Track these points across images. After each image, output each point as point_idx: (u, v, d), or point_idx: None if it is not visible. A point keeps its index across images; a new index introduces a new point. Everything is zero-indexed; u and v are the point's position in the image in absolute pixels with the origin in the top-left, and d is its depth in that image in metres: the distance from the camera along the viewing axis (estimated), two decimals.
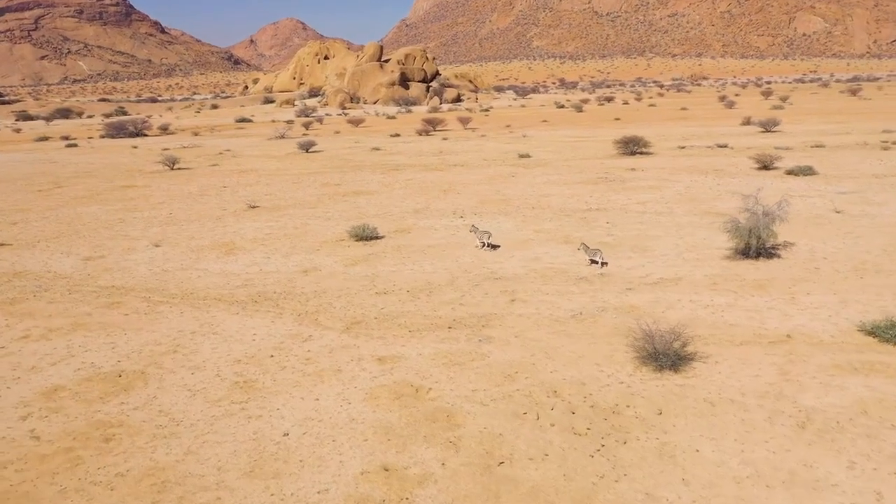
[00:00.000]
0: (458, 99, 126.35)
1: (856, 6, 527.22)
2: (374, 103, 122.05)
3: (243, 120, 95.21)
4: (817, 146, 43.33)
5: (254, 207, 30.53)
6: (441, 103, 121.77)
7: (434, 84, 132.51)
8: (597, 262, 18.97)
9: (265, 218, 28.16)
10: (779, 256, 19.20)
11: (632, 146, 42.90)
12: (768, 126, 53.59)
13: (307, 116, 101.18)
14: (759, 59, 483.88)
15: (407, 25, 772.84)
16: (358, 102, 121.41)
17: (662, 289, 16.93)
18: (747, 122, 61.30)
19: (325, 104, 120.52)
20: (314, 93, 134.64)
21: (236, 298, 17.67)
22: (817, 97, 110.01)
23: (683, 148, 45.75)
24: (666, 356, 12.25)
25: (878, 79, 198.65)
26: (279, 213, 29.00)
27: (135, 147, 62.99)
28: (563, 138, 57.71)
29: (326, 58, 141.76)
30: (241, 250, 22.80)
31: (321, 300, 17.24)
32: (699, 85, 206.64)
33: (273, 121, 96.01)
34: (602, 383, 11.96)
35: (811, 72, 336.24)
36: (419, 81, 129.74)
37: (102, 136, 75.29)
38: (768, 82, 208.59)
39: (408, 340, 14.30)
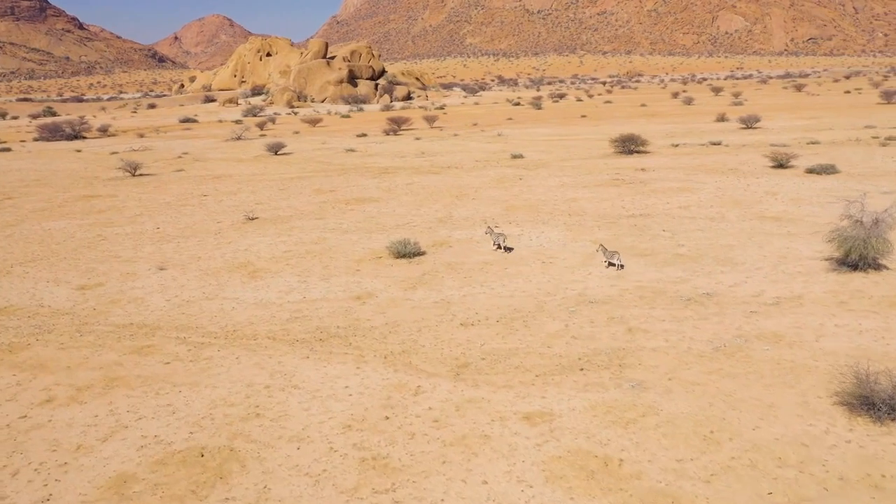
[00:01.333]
0: (408, 97, 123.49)
1: (773, 6, 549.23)
2: (322, 101, 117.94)
3: (188, 120, 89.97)
4: (813, 143, 42.78)
5: (252, 219, 27.31)
6: (392, 101, 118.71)
7: (382, 82, 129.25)
8: (614, 265, 18.62)
9: (272, 232, 25.05)
10: (886, 267, 17.56)
11: (629, 145, 41.33)
12: (749, 122, 53.14)
13: (256, 116, 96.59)
14: (685, 56, 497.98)
15: (338, 22, 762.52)
16: (305, 101, 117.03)
17: (791, 311, 14.96)
18: (722, 118, 60.94)
19: (271, 103, 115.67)
20: (257, 91, 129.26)
21: (295, 337, 14.78)
22: (765, 93, 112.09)
23: (677, 146, 44.53)
24: (887, 405, 10.19)
25: (808, 75, 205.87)
26: (285, 226, 25.92)
27: (79, 151, 57.88)
28: (542, 137, 55.91)
29: (269, 55, 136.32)
30: (265, 272, 19.76)
31: (400, 336, 14.55)
32: (638, 82, 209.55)
33: (220, 121, 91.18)
34: (827, 443, 9.81)
35: (738, 68, 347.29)
36: (367, 79, 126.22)
37: (37, 139, 69.31)
38: (704, 79, 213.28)
39: (542, 389, 11.84)
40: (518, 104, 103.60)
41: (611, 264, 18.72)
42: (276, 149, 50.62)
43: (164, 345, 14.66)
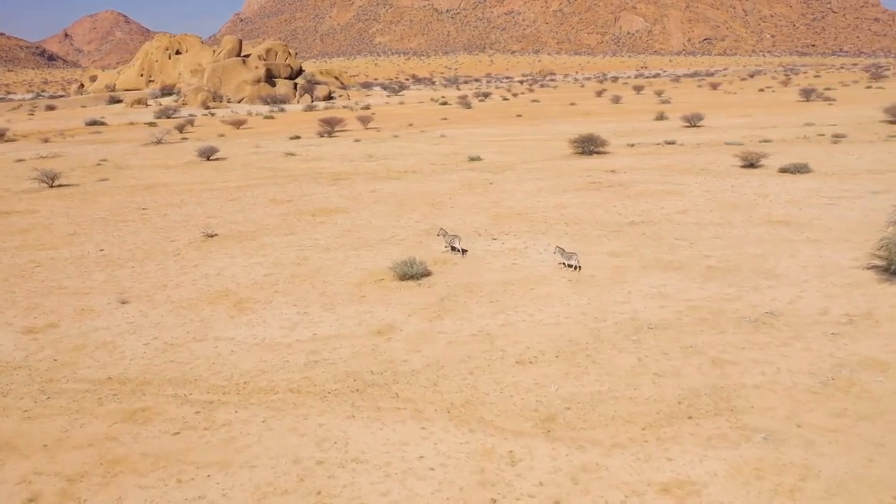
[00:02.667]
0: (329, 97, 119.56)
1: (671, 7, 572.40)
2: (239, 102, 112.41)
3: (95, 123, 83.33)
4: (765, 141, 43.01)
5: (211, 236, 24.19)
6: (313, 101, 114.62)
7: (301, 81, 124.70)
8: (573, 266, 18.45)
9: (240, 251, 22.10)
10: None
11: (589, 145, 40.23)
12: (693, 121, 53.35)
13: (170, 117, 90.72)
14: (590, 55, 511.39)
15: (241, 20, 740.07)
16: (221, 101, 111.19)
17: (873, 331, 13.69)
18: (661, 116, 61.19)
19: (184, 103, 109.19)
20: (167, 91, 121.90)
21: (324, 388, 12.29)
22: (685, 92, 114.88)
23: (633, 146, 43.84)
24: None
25: (714, 74, 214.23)
26: (254, 244, 23.01)
27: None
28: (488, 138, 54.30)
29: (178, 53, 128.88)
30: (253, 303, 17.00)
31: (453, 382, 12.32)
32: (554, 81, 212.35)
33: (131, 123, 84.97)
34: None
35: (643, 67, 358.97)
36: (286, 78, 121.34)
37: None
38: (616, 77, 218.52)
39: (661, 447, 9.92)
40: (445, 104, 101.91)
41: (569, 266, 18.54)
42: (208, 154, 46.75)
43: (162, 407, 11.85)
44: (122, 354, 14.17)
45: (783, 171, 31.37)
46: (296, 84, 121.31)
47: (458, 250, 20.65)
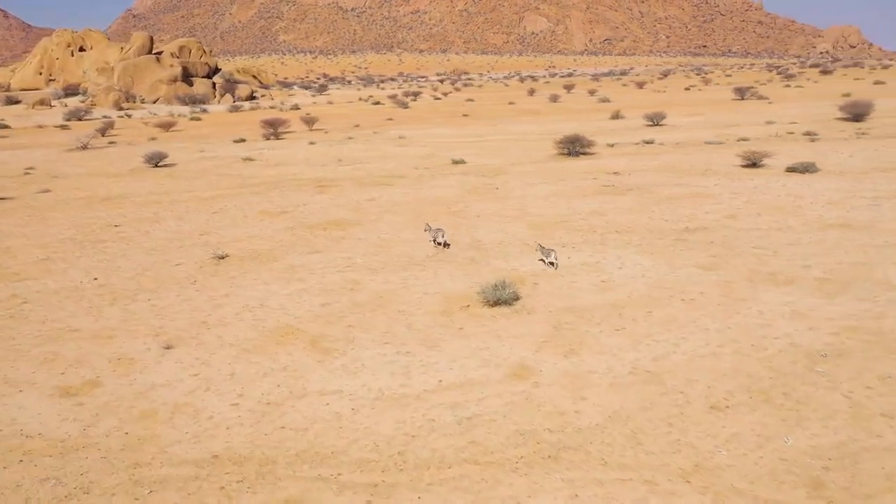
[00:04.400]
0: (251, 96, 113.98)
1: (572, 8, 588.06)
2: (155, 102, 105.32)
3: None
4: (742, 139, 43.02)
5: (223, 258, 21.01)
6: (235, 101, 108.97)
7: (219, 80, 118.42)
8: (553, 264, 18.55)
9: (269, 276, 19.15)
10: None
11: (576, 146, 38.91)
12: (656, 120, 53.18)
13: (82, 119, 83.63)
14: (497, 55, 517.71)
15: (134, 16, 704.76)
16: (135, 101, 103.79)
17: None
18: (617, 116, 60.96)
19: (94, 104, 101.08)
20: (71, 91, 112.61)
21: (507, 455, 9.97)
22: (616, 91, 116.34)
23: (613, 146, 42.89)
24: None
25: (627, 72, 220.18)
26: (279, 266, 20.07)
27: None
28: (450, 139, 52.25)
29: (82, 49, 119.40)
30: (333, 342, 14.31)
31: (657, 439, 10.27)
32: (472, 80, 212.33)
33: (39, 126, 77.51)
34: None
35: (551, 67, 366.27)
36: (203, 77, 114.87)
37: None
38: (532, 77, 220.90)
39: None
40: (378, 103, 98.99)
41: (550, 263, 18.62)
42: (156, 160, 42.43)
43: (316, 497, 9.20)
44: (212, 421, 11.28)
45: (791, 170, 30.95)
46: (214, 83, 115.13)
47: (443, 244, 21.01)
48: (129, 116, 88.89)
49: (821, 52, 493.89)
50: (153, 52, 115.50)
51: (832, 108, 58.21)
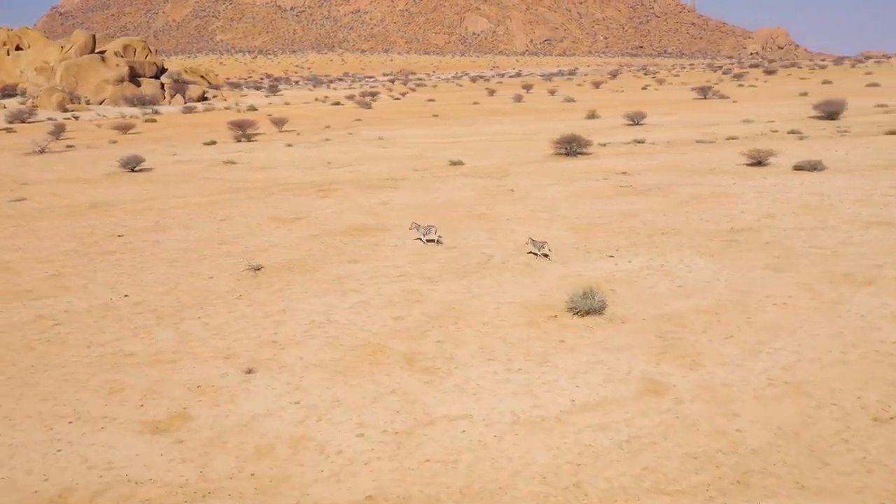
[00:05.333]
0: (203, 97, 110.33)
1: (512, 9, 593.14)
2: (101, 103, 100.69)
3: None
4: (731, 138, 43.46)
5: (257, 269, 19.62)
6: (186, 102, 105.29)
7: (166, 80, 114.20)
8: (547, 256, 19.33)
9: (319, 288, 17.92)
10: None
11: (574, 146, 38.55)
12: (636, 119, 53.42)
13: (25, 122, 79.19)
14: (440, 55, 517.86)
15: (61, 14, 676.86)
16: (80, 102, 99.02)
17: None
18: (592, 115, 61.09)
19: (35, 105, 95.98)
20: (8, 92, 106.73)
21: (693, 483, 9.23)
22: (575, 91, 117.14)
23: (606, 146, 42.73)
24: None
25: (575, 73, 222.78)
26: (323, 277, 18.84)
27: None
28: (433, 139, 51.31)
29: (19, 49, 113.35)
30: (430, 360, 13.29)
31: (844, 461, 9.69)
32: (421, 80, 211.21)
33: None
34: None
35: (495, 67, 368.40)
36: (151, 77, 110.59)
37: None
38: (482, 77, 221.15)
39: None
40: (338, 104, 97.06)
41: (545, 255, 19.36)
42: (132, 164, 40.13)
43: None
44: (344, 456, 10.15)
45: (798, 168, 31.19)
46: (163, 84, 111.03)
47: (435, 241, 21.42)
48: (77, 118, 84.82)
49: (751, 53, 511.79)
50: (96, 51, 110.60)
51: (802, 106, 59.74)
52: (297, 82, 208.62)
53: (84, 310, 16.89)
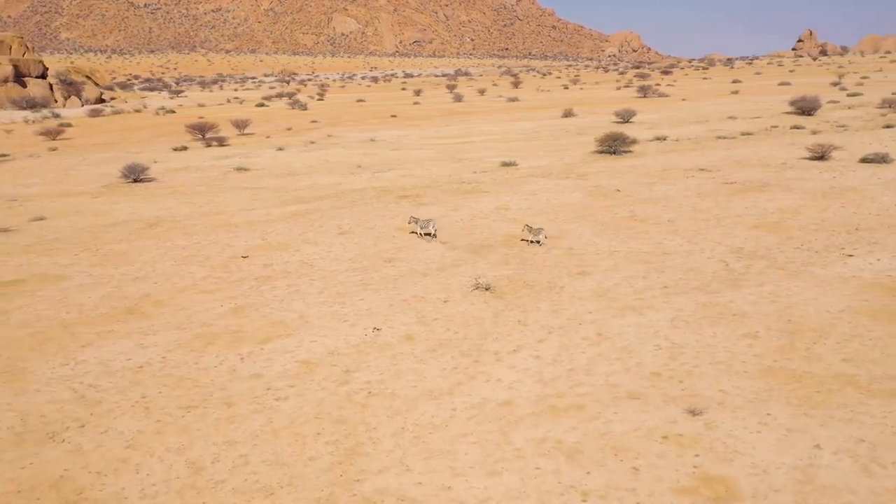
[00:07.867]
0: (100, 99, 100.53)
1: (380, 10, 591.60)
2: None
3: None
4: (746, 133, 44.61)
5: (487, 289, 17.28)
6: (83, 104, 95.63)
7: (53, 81, 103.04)
8: (539, 242, 20.82)
9: (587, 304, 15.97)
10: None
11: (617, 145, 38.08)
12: (626, 117, 53.89)
13: None
14: (309, 55, 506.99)
15: None
16: None
17: None
18: (568, 114, 61.15)
19: None
20: None
21: None
22: (505, 90, 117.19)
23: (637, 143, 42.52)
24: None
25: (467, 74, 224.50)
26: (567, 294, 16.86)
27: None
28: (444, 140, 49.16)
29: None
30: (572, 406, 11.96)
31: None
32: (310, 80, 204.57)
33: None
34: None
35: (374, 68, 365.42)
36: (37, 77, 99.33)
37: None
38: (388, 76, 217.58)
39: None
40: (262, 105, 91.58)
41: (537, 242, 20.84)
42: (135, 174, 35.17)
43: None
44: None
45: (864, 161, 32.20)
46: (51, 84, 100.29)
47: (432, 235, 21.77)
48: None
49: (609, 55, 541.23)
50: None
51: (777, 103, 62.73)
52: (169, 85, 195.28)
53: (354, 346, 13.97)
